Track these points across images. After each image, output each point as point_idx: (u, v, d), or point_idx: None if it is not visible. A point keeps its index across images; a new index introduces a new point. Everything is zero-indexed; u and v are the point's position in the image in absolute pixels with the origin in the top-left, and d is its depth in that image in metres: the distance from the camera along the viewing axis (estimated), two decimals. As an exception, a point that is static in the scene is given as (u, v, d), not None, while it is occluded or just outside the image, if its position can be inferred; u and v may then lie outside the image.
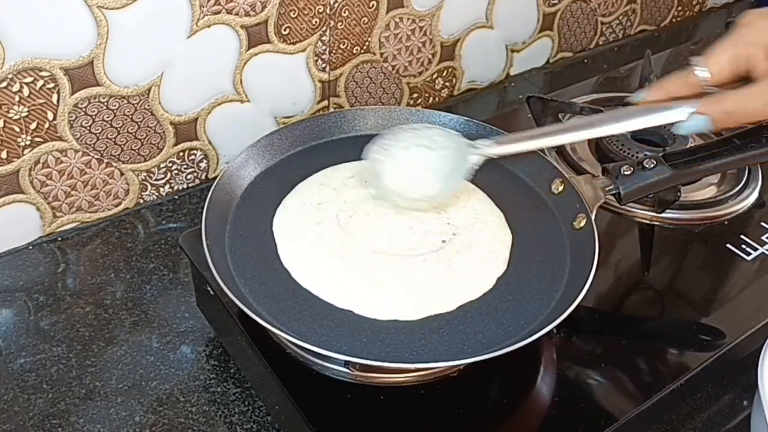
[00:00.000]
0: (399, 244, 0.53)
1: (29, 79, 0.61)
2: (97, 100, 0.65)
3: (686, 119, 0.51)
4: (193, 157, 0.75)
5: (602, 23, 1.02)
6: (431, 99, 0.90)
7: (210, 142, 0.75)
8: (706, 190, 0.68)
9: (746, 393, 0.58)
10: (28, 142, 0.64)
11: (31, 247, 0.69)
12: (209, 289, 0.54)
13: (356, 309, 0.49)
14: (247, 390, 0.57)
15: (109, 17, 0.61)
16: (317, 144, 0.63)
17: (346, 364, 0.49)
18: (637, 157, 0.67)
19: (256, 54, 0.71)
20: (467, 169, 0.55)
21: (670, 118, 0.51)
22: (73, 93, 0.63)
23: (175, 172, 0.74)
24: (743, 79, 0.50)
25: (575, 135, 0.55)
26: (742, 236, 0.63)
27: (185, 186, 0.76)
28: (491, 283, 0.51)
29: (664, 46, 1.04)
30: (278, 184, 0.59)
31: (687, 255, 0.62)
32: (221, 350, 0.60)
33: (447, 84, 0.90)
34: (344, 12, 0.75)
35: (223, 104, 0.73)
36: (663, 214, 0.63)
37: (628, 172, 0.57)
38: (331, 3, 0.73)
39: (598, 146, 0.71)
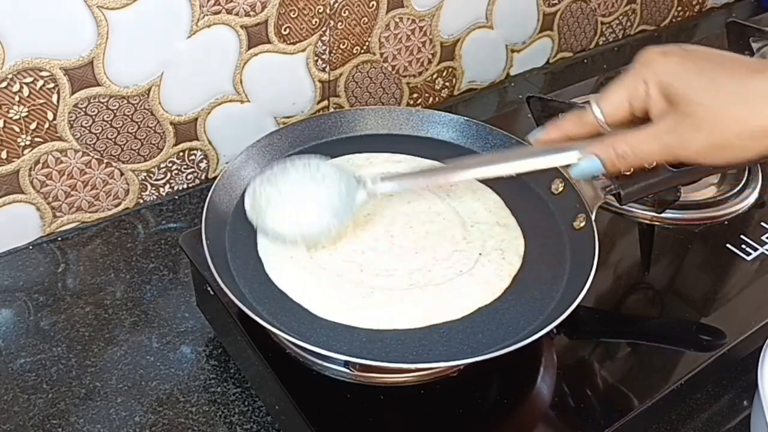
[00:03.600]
0: (399, 250, 0.53)
1: (29, 79, 0.61)
2: (97, 100, 0.65)
3: (577, 162, 0.48)
4: (193, 157, 0.75)
5: (602, 23, 1.02)
6: (431, 99, 0.90)
7: (210, 142, 0.75)
8: (706, 190, 0.68)
9: (746, 393, 0.58)
10: (28, 142, 0.64)
11: (31, 247, 0.69)
12: (209, 289, 0.54)
13: (358, 324, 0.48)
14: (247, 390, 0.57)
15: (109, 17, 0.61)
16: (317, 144, 0.63)
17: (346, 364, 0.49)
18: (637, 157, 0.67)
19: (256, 54, 0.71)
20: (356, 206, 0.52)
21: (562, 160, 0.49)
22: (73, 93, 0.63)
23: (175, 172, 0.74)
24: (644, 120, 0.46)
25: (465, 174, 0.52)
26: (742, 236, 0.63)
27: (185, 186, 0.76)
28: (498, 292, 0.51)
29: (664, 46, 1.04)
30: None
31: (687, 255, 0.62)
32: (221, 350, 0.60)
33: (447, 84, 0.90)
34: (344, 12, 0.75)
35: (223, 104, 0.73)
36: (663, 214, 0.63)
37: (628, 172, 0.56)
38: (331, 3, 0.73)
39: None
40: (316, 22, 0.73)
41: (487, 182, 0.59)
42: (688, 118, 0.43)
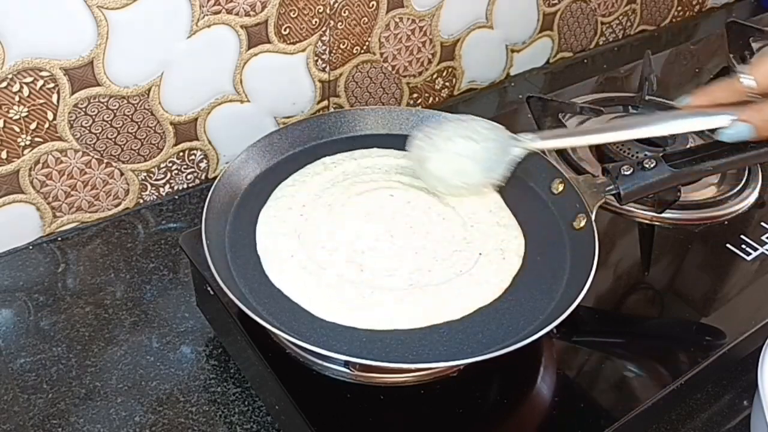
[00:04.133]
0: (399, 250, 0.53)
1: (29, 79, 0.61)
2: (97, 100, 0.65)
3: (729, 126, 0.51)
4: (193, 157, 0.75)
5: (602, 23, 1.02)
6: (431, 99, 0.90)
7: (210, 142, 0.75)
8: (706, 190, 0.68)
9: (746, 393, 0.58)
10: (28, 142, 0.64)
11: (31, 247, 0.69)
12: (209, 289, 0.54)
13: (358, 325, 0.48)
14: (247, 390, 0.57)
15: (109, 17, 0.61)
16: (317, 144, 0.63)
17: (346, 364, 0.49)
18: (637, 157, 0.67)
19: (256, 54, 0.71)
20: (509, 161, 0.55)
21: (713, 123, 0.52)
22: (73, 93, 0.63)
23: (175, 172, 0.74)
24: None
25: (617, 134, 0.56)
26: (742, 236, 0.63)
27: (185, 186, 0.76)
28: (498, 292, 0.51)
29: (664, 46, 1.04)
30: (278, 185, 0.59)
31: (687, 255, 0.62)
32: (221, 350, 0.60)
33: (447, 84, 0.90)
34: (344, 12, 0.75)
35: (223, 104, 0.73)
36: (663, 214, 0.63)
37: (628, 172, 0.57)
38: (331, 3, 0.73)
39: (598, 146, 0.71)
40: (316, 22, 0.73)
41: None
42: None
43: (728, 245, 0.62)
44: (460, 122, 0.56)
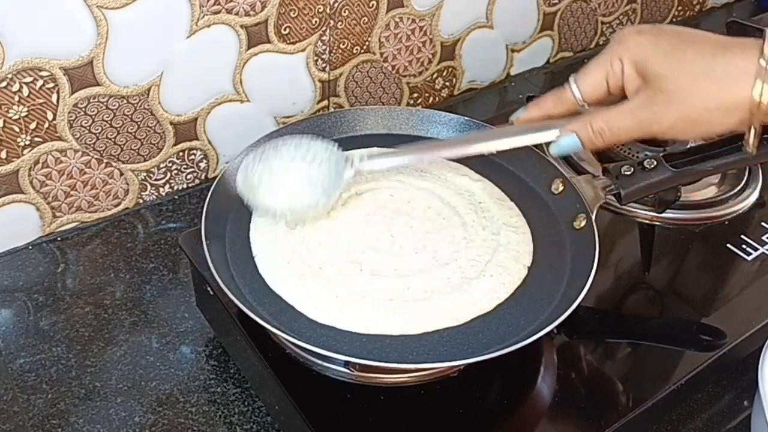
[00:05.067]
0: (399, 249, 0.53)
1: (29, 79, 0.61)
2: (96, 99, 0.65)
3: (557, 139, 0.50)
4: (192, 157, 0.75)
5: (602, 23, 1.02)
6: (431, 99, 0.90)
7: (210, 142, 0.75)
8: (706, 190, 0.68)
9: (746, 393, 0.58)
10: (27, 142, 0.64)
11: (30, 247, 0.69)
12: (209, 289, 0.54)
13: (360, 330, 0.48)
14: (247, 390, 0.57)
15: (108, 17, 0.61)
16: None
17: (347, 364, 0.49)
18: (637, 157, 0.67)
19: (256, 54, 0.71)
20: (343, 183, 0.53)
21: (543, 138, 0.51)
22: (72, 93, 0.63)
23: (175, 172, 0.74)
24: (621, 98, 0.48)
25: (448, 152, 0.55)
26: (742, 236, 0.63)
27: (185, 186, 0.76)
28: (501, 300, 0.51)
29: (664, 45, 1.04)
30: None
31: (687, 255, 0.62)
32: (221, 350, 0.60)
33: (447, 84, 0.90)
34: (344, 12, 0.75)
35: (223, 104, 0.73)
36: (663, 214, 0.63)
37: (629, 172, 0.57)
38: (331, 3, 0.73)
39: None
40: (316, 21, 0.73)
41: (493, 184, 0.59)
42: (661, 94, 0.45)
43: (728, 245, 0.62)
44: (296, 144, 0.54)
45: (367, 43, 0.79)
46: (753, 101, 0.43)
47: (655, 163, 0.56)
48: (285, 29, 0.72)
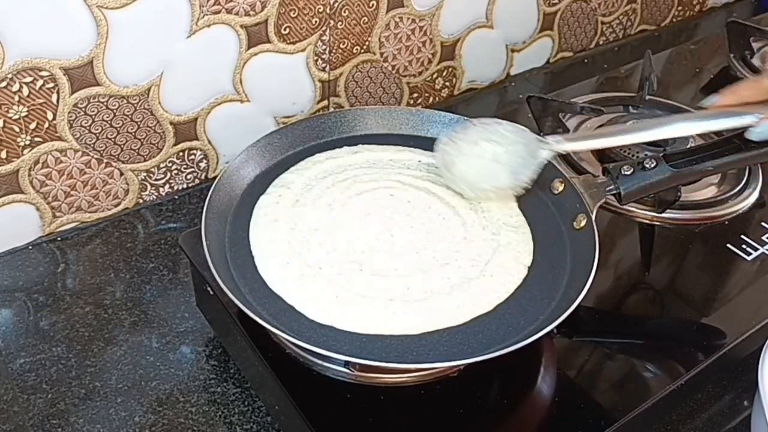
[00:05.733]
0: (399, 249, 0.53)
1: (29, 79, 0.61)
2: (96, 99, 0.65)
3: (756, 125, 0.51)
4: (192, 157, 0.75)
5: (602, 23, 1.02)
6: (431, 99, 0.90)
7: (210, 142, 0.75)
8: (706, 190, 0.68)
9: (746, 393, 0.58)
10: (27, 142, 0.64)
11: (30, 247, 0.69)
12: (209, 289, 0.54)
13: (360, 330, 0.48)
14: (247, 390, 0.57)
15: (108, 17, 0.61)
16: (317, 144, 0.63)
17: (347, 364, 0.49)
18: (637, 156, 0.67)
19: (256, 54, 0.71)
20: (536, 164, 0.55)
21: (741, 122, 0.52)
22: (72, 93, 0.63)
23: (175, 172, 0.74)
24: None
25: (644, 135, 0.55)
26: (742, 236, 0.63)
27: (185, 186, 0.76)
28: (501, 300, 0.51)
29: (664, 46, 1.04)
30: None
31: (687, 255, 0.62)
32: (221, 350, 0.60)
33: (447, 84, 0.90)
34: (344, 12, 0.75)
35: (223, 104, 0.73)
36: (663, 214, 0.63)
37: (629, 172, 0.57)
38: (331, 3, 0.73)
39: (598, 146, 0.71)
40: (316, 21, 0.73)
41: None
42: None
43: (728, 245, 0.62)
44: (485, 126, 0.57)
45: (367, 43, 0.79)
46: None
47: (655, 163, 0.56)
48: (285, 29, 0.72)
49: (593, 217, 0.54)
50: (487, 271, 0.52)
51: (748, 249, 0.61)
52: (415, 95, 0.88)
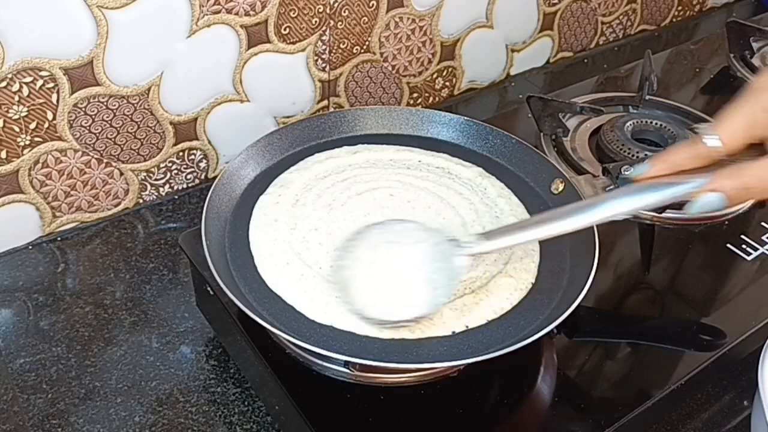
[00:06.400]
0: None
1: (29, 79, 0.61)
2: (96, 99, 0.65)
3: (697, 196, 0.45)
4: (192, 156, 0.75)
5: (602, 23, 1.02)
6: (431, 99, 0.90)
7: (210, 142, 0.75)
8: (706, 190, 0.67)
9: (746, 393, 0.58)
10: (27, 142, 0.64)
11: (30, 247, 0.69)
12: (209, 289, 0.54)
13: (357, 331, 0.48)
14: (247, 390, 0.57)
15: (108, 17, 0.61)
16: (317, 144, 0.63)
17: (346, 364, 0.49)
18: (637, 157, 0.67)
19: (255, 54, 0.71)
20: (457, 275, 0.48)
21: (676, 196, 0.46)
22: (72, 93, 0.63)
23: (175, 172, 0.74)
24: (756, 147, 0.44)
25: (569, 223, 0.48)
26: (742, 236, 0.63)
27: (185, 186, 0.76)
28: (505, 310, 0.50)
29: (664, 45, 1.04)
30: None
31: (687, 255, 0.61)
32: (221, 350, 0.60)
33: (447, 84, 0.90)
34: (344, 11, 0.75)
35: (223, 104, 0.73)
36: (663, 214, 0.63)
37: (629, 172, 0.56)
38: (331, 3, 0.73)
39: (598, 146, 0.71)
40: (316, 21, 0.73)
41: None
42: None
43: (728, 245, 0.62)
44: (386, 227, 0.50)
45: (367, 43, 0.79)
46: None
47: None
48: (285, 29, 0.72)
49: (593, 217, 0.54)
50: (499, 292, 0.51)
51: (748, 249, 0.61)
52: (415, 95, 0.88)
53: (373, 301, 0.47)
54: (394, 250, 0.48)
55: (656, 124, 0.72)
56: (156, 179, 0.73)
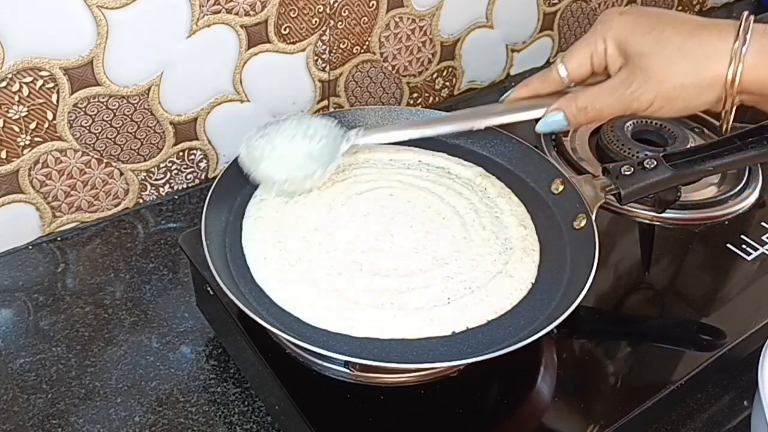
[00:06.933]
0: (399, 249, 0.53)
1: (29, 79, 0.61)
2: (96, 99, 0.65)
3: (543, 117, 0.52)
4: (192, 156, 0.75)
5: (602, 23, 1.02)
6: (431, 99, 0.90)
7: (210, 142, 0.75)
8: (706, 190, 0.68)
9: (746, 393, 0.58)
10: (27, 142, 0.64)
11: (30, 247, 0.69)
12: (209, 289, 0.54)
13: (354, 333, 0.48)
14: (247, 390, 0.57)
15: (108, 17, 0.61)
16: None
17: (346, 364, 0.49)
18: (637, 157, 0.67)
19: (255, 54, 0.71)
20: (338, 157, 0.56)
21: (530, 116, 0.53)
22: (72, 93, 0.63)
23: (175, 171, 0.74)
24: (606, 76, 0.51)
25: (441, 128, 0.56)
26: (742, 236, 0.63)
27: (185, 186, 0.76)
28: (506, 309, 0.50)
29: (664, 45, 1.04)
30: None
31: (687, 255, 0.61)
32: (221, 350, 0.60)
33: (447, 84, 0.90)
34: (344, 11, 0.75)
35: (223, 104, 0.73)
36: (663, 214, 0.63)
37: (629, 172, 0.57)
38: (331, 2, 0.73)
39: (598, 146, 0.71)
40: (316, 21, 0.73)
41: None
42: (639, 71, 0.48)
43: (728, 245, 0.62)
44: (297, 120, 0.58)
45: (367, 43, 0.79)
46: (727, 80, 0.46)
47: (655, 163, 0.56)
48: (285, 29, 0.72)
49: (593, 217, 0.54)
50: (500, 291, 0.51)
51: (748, 249, 0.61)
52: (415, 95, 0.88)
53: (271, 169, 0.56)
54: (297, 139, 0.57)
55: (656, 123, 0.72)
56: (156, 179, 0.73)
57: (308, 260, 0.52)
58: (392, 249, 0.53)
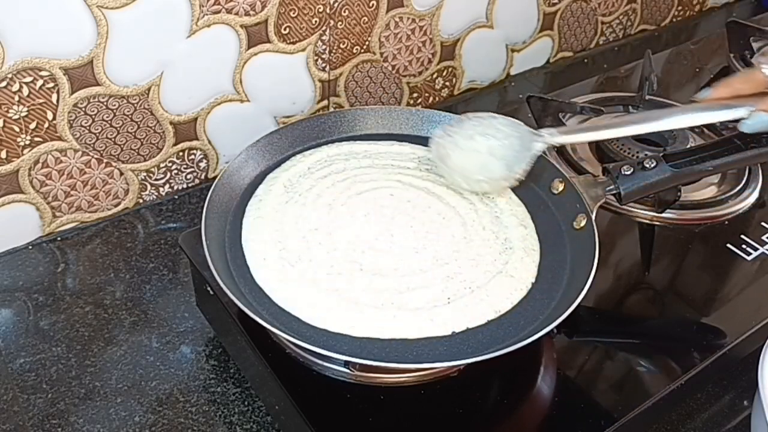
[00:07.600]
0: (399, 249, 0.53)
1: (29, 79, 0.61)
2: (96, 99, 0.65)
3: (748, 117, 0.52)
4: (192, 156, 0.75)
5: (602, 23, 1.02)
6: (431, 99, 0.90)
7: (210, 142, 0.75)
8: (706, 190, 0.68)
9: (746, 393, 0.58)
10: (27, 142, 0.64)
11: (30, 247, 0.69)
12: (209, 289, 0.54)
13: (354, 333, 0.48)
14: (247, 390, 0.57)
15: (108, 17, 0.61)
16: (317, 144, 0.63)
17: (346, 364, 0.49)
18: (637, 156, 0.67)
19: (255, 54, 0.71)
20: (529, 157, 0.56)
21: (732, 115, 0.53)
22: (72, 93, 0.63)
23: (175, 171, 0.74)
24: None
25: (637, 128, 0.56)
26: (742, 236, 0.63)
27: (185, 186, 0.76)
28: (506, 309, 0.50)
29: (664, 45, 1.04)
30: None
31: (687, 255, 0.61)
32: (221, 350, 0.60)
33: (447, 84, 0.90)
34: (344, 11, 0.75)
35: (223, 104, 0.73)
36: (663, 214, 0.63)
37: (629, 172, 0.57)
38: (331, 2, 0.73)
39: (598, 146, 0.71)
40: (316, 21, 0.73)
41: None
42: None
43: (728, 245, 0.62)
44: (480, 120, 0.57)
45: (367, 42, 0.79)
46: None
47: (655, 163, 0.56)
48: (285, 29, 0.72)
49: (593, 217, 0.54)
50: (500, 290, 0.51)
51: (748, 249, 0.61)
52: (415, 95, 0.88)
53: (462, 170, 0.56)
54: (484, 141, 0.56)
55: (656, 124, 0.72)
56: (156, 179, 0.73)
57: (308, 260, 0.52)
58: (392, 249, 0.53)
